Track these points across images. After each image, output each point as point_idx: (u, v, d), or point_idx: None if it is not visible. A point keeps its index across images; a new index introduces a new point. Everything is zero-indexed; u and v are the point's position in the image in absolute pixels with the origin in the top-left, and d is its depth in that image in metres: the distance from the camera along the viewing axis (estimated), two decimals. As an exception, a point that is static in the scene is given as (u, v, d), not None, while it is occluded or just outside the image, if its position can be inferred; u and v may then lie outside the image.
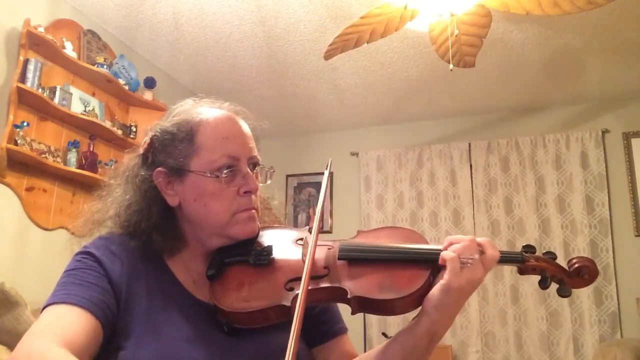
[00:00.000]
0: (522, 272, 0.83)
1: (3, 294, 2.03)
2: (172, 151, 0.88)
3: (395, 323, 4.28)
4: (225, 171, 0.86)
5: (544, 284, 0.83)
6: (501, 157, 4.39)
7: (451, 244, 0.81)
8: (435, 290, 0.78)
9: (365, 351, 1.05)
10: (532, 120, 4.40)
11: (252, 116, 0.97)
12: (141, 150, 0.92)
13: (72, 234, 0.95)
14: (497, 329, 4.09)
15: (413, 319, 0.83)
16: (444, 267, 0.80)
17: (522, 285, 4.04)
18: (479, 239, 0.80)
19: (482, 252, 0.79)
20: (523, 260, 0.83)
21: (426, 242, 0.87)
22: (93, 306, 0.75)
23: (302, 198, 4.98)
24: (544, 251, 0.85)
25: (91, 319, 0.74)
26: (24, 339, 0.71)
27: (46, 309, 0.76)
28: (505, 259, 0.82)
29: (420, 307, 0.80)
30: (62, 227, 2.80)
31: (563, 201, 4.17)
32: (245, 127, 0.92)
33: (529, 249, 0.84)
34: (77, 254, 0.83)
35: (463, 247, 0.79)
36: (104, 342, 0.76)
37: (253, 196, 0.89)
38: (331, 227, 4.82)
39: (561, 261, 0.83)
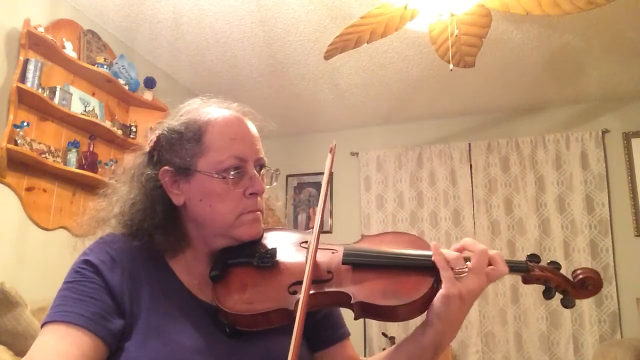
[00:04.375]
0: (526, 281, 0.82)
1: (3, 294, 2.03)
2: (179, 150, 0.87)
3: (395, 324, 4.28)
4: (232, 172, 0.85)
5: (548, 294, 0.82)
6: (501, 157, 4.39)
7: (463, 248, 0.81)
8: (437, 300, 0.78)
9: (365, 352, 1.06)
10: (532, 120, 4.41)
11: (260, 117, 0.97)
12: (147, 148, 0.91)
13: (75, 236, 0.94)
14: (497, 329, 4.09)
15: (417, 329, 0.83)
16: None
17: (522, 285, 4.01)
18: (491, 252, 0.79)
19: (490, 265, 0.79)
20: (528, 269, 0.81)
21: (429, 249, 0.85)
22: (92, 323, 0.74)
23: (302, 198, 4.97)
24: (549, 261, 0.84)
25: (90, 339, 0.73)
26: None
27: (45, 328, 0.75)
28: (511, 268, 0.81)
29: (423, 314, 0.80)
30: (62, 227, 2.79)
31: (563, 201, 4.17)
32: (252, 128, 0.92)
33: (534, 258, 0.83)
34: (76, 263, 0.82)
35: (454, 258, 0.78)
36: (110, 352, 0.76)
37: (258, 198, 0.89)
38: (331, 227, 4.82)
39: (562, 263, 0.82)
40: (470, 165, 4.46)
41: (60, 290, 0.79)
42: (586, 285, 0.81)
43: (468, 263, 0.78)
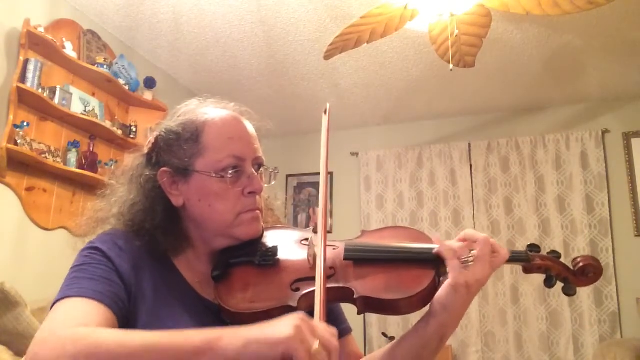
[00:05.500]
0: (527, 271, 0.83)
1: (3, 294, 2.03)
2: (177, 151, 0.88)
3: (395, 323, 4.28)
4: (230, 171, 0.86)
5: (549, 283, 0.83)
6: (501, 157, 4.39)
7: (464, 239, 0.82)
8: (443, 290, 0.79)
9: (365, 352, 1.05)
10: (532, 120, 4.40)
11: (257, 117, 0.97)
12: (146, 150, 0.92)
13: (75, 236, 0.94)
14: (497, 329, 4.09)
15: (419, 321, 0.83)
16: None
17: (522, 285, 4.04)
18: (490, 240, 0.81)
19: (493, 252, 0.80)
20: (529, 259, 0.83)
21: (431, 242, 0.86)
22: (107, 299, 0.74)
23: (302, 198, 4.97)
24: (548, 250, 0.85)
25: (107, 312, 0.73)
26: (45, 329, 0.68)
27: (59, 302, 0.73)
28: (512, 258, 0.83)
29: (425, 308, 0.80)
30: (62, 227, 2.79)
31: (563, 201, 4.16)
32: (250, 127, 0.92)
33: (534, 248, 0.84)
34: (83, 250, 0.82)
35: (459, 247, 0.80)
36: None
37: (257, 197, 0.89)
38: (331, 228, 4.81)
39: (563, 262, 0.83)
40: (470, 165, 4.45)
41: (69, 274, 0.78)
42: (587, 272, 0.82)
43: (473, 252, 0.80)
